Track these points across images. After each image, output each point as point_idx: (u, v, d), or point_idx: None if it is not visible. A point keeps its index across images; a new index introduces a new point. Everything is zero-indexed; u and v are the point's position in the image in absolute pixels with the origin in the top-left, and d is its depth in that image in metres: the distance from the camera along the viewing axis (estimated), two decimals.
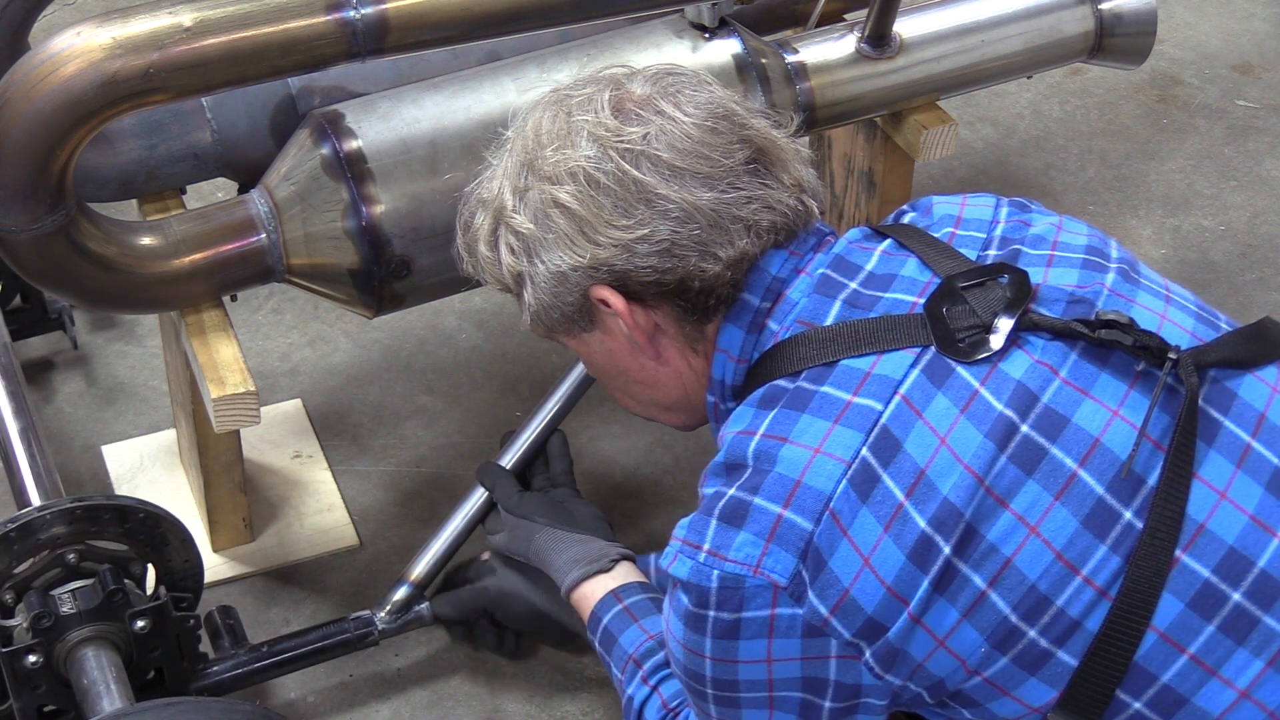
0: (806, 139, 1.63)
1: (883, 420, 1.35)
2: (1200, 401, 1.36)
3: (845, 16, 2.43)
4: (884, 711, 1.43)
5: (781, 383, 1.42)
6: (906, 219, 1.58)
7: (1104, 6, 2.31)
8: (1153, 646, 1.33)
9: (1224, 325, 1.47)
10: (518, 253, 1.50)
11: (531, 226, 1.47)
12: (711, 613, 1.37)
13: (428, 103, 1.97)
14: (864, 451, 1.34)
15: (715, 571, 1.36)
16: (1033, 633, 1.33)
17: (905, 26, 2.23)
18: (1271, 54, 3.25)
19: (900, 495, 1.33)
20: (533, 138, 1.49)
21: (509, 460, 2.01)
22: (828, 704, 1.40)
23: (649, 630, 1.71)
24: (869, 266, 1.47)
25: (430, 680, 2.08)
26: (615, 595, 1.77)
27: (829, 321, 1.43)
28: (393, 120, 1.95)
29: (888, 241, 1.50)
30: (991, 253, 1.47)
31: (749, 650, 1.38)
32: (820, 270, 1.48)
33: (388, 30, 1.76)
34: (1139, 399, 1.36)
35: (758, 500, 1.35)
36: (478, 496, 2.01)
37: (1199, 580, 1.32)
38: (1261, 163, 2.98)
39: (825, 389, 1.38)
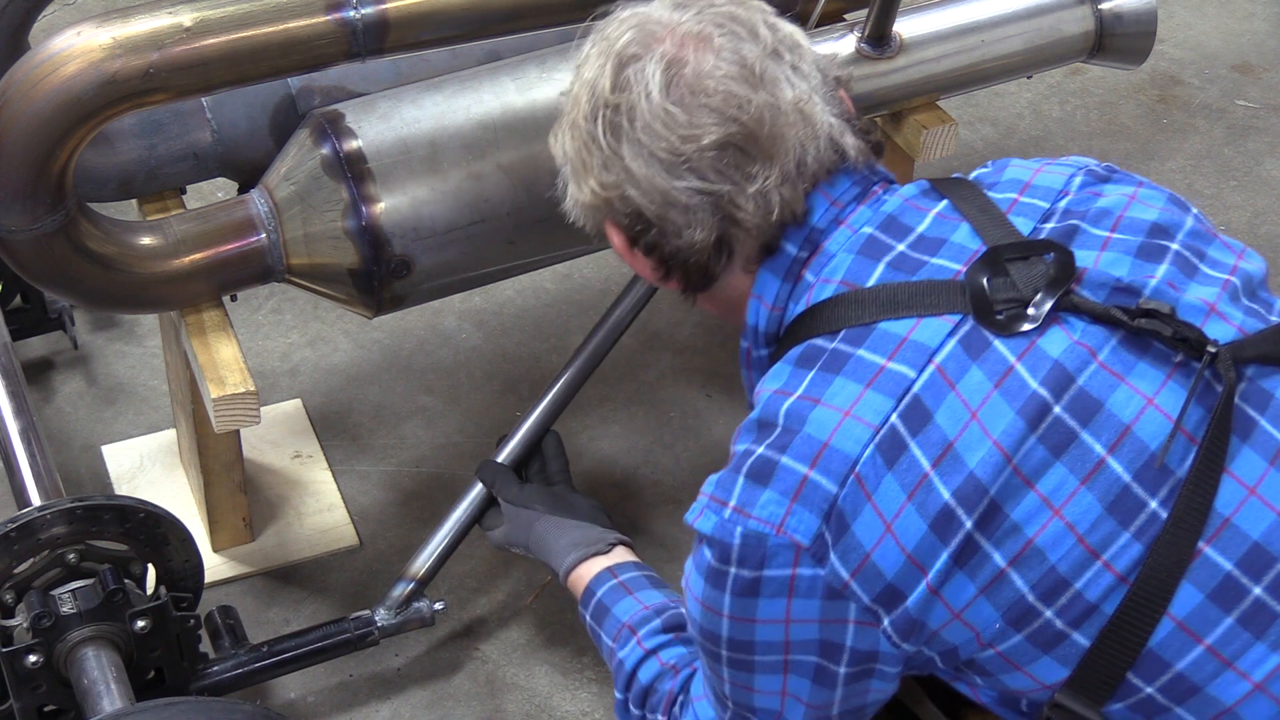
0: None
1: (915, 389, 1.35)
2: (1237, 399, 1.36)
3: (845, 16, 2.43)
4: (896, 677, 1.43)
5: (819, 341, 1.42)
6: (974, 174, 1.56)
7: (1104, 6, 2.31)
8: (1169, 634, 1.33)
9: (1274, 319, 1.44)
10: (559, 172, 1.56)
11: (560, 154, 1.53)
12: (733, 569, 1.37)
13: (428, 103, 1.97)
14: (894, 418, 1.34)
15: (739, 528, 1.36)
16: (1049, 613, 1.34)
17: (905, 26, 2.23)
18: (1271, 54, 3.25)
19: (926, 465, 1.33)
20: (578, 81, 1.52)
21: (505, 460, 2.01)
22: (842, 669, 1.41)
23: (644, 602, 1.71)
24: (920, 229, 1.46)
25: (430, 680, 2.08)
26: (611, 572, 1.78)
27: (871, 283, 1.43)
28: (393, 120, 1.95)
29: (944, 203, 1.48)
30: (1049, 225, 1.45)
31: (768, 609, 1.38)
32: (866, 229, 1.46)
33: (388, 30, 1.76)
34: (1175, 389, 1.36)
35: (785, 459, 1.36)
36: (476, 493, 2.01)
37: (1221, 572, 1.32)
38: (1261, 163, 2.98)
39: (861, 352, 1.38)
